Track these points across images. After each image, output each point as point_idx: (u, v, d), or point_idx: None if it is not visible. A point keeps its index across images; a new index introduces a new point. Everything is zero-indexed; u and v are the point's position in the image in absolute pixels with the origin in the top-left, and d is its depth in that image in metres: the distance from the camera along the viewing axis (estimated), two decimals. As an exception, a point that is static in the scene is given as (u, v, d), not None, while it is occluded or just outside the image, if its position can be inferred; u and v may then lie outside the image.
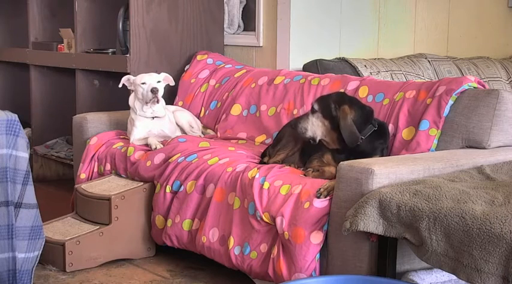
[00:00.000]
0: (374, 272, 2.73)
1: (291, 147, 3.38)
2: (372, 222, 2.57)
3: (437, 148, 3.17)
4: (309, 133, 3.12)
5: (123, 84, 3.86)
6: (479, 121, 3.10)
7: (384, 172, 2.72)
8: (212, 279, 3.35)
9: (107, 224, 3.53)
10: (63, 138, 5.23)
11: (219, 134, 4.05)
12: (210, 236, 3.23)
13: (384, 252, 2.68)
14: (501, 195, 2.51)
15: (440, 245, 2.39)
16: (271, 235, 3.01)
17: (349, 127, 3.03)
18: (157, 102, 3.77)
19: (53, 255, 3.43)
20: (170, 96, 4.29)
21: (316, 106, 3.13)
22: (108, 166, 3.84)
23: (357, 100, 3.23)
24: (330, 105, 3.10)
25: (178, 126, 3.96)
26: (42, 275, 3.37)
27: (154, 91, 3.72)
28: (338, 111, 3.06)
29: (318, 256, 2.86)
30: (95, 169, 3.91)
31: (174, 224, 3.40)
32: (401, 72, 4.27)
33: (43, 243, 2.87)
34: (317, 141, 3.13)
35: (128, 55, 4.33)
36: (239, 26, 4.62)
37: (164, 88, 3.82)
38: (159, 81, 3.78)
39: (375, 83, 3.59)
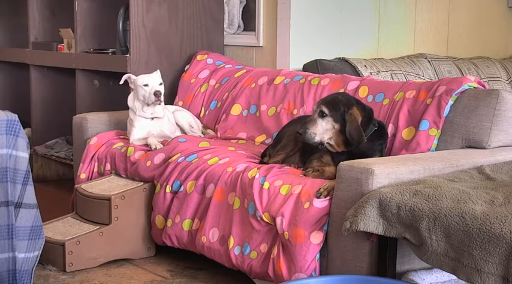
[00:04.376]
0: (374, 272, 2.73)
1: (291, 147, 3.38)
2: (372, 222, 2.57)
3: (437, 148, 3.17)
4: (317, 138, 3.04)
5: (125, 81, 3.87)
6: (479, 121, 3.10)
7: (384, 172, 2.72)
8: (212, 279, 3.35)
9: (107, 224, 3.53)
10: (63, 138, 5.22)
11: (219, 134, 4.05)
12: (210, 236, 3.23)
13: (384, 252, 2.68)
14: (501, 195, 2.51)
15: (440, 245, 2.39)
16: (271, 235, 3.01)
17: (357, 130, 3.01)
18: (160, 104, 3.77)
19: (53, 255, 3.43)
20: (170, 96, 4.29)
21: (326, 110, 3.04)
22: (108, 166, 3.84)
23: (359, 100, 3.22)
24: (340, 109, 3.04)
25: (178, 126, 3.96)
26: (42, 275, 3.37)
27: (157, 94, 3.72)
28: (347, 114, 3.04)
29: (318, 256, 2.86)
30: (95, 169, 3.91)
31: (174, 224, 3.40)
32: (401, 72, 4.27)
33: (43, 243, 2.87)
34: (325, 144, 3.08)
35: (127, 55, 4.33)
36: (239, 26, 4.62)
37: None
38: (160, 83, 3.78)
39: (374, 83, 3.59)
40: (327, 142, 3.08)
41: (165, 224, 3.46)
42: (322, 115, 3.05)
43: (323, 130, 3.04)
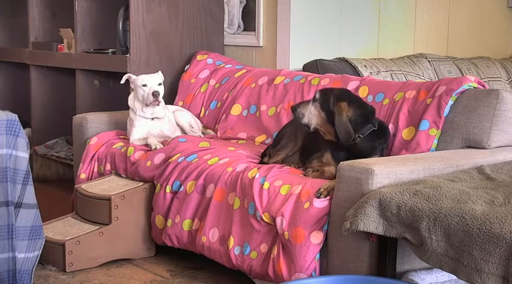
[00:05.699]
0: (374, 272, 2.73)
1: (291, 147, 3.39)
2: (372, 222, 2.57)
3: (437, 148, 3.17)
4: (305, 120, 3.13)
5: (126, 81, 3.87)
6: (479, 121, 3.10)
7: (384, 172, 2.72)
8: (212, 279, 3.35)
9: (107, 224, 3.53)
10: (63, 138, 5.22)
11: (219, 134, 4.05)
12: (210, 236, 3.23)
13: (384, 252, 2.68)
14: (501, 195, 2.51)
15: (440, 245, 2.39)
16: (271, 235, 3.01)
17: (343, 124, 3.03)
18: (158, 104, 3.77)
19: (53, 255, 3.43)
20: (170, 96, 4.29)
21: (317, 96, 3.14)
22: (108, 166, 3.84)
23: (359, 98, 3.23)
24: (330, 99, 3.10)
25: (178, 126, 3.96)
26: (42, 275, 3.37)
27: (155, 95, 3.72)
28: (335, 107, 3.06)
29: (318, 256, 2.86)
30: (95, 169, 3.91)
31: (174, 224, 3.40)
32: (401, 72, 4.27)
33: (43, 243, 2.87)
34: (311, 129, 3.14)
35: (127, 55, 4.33)
36: (239, 26, 4.62)
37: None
38: (160, 84, 3.77)
39: (375, 83, 3.59)
40: (319, 129, 3.12)
41: (165, 224, 3.46)
42: (314, 99, 3.14)
43: (311, 114, 3.12)
